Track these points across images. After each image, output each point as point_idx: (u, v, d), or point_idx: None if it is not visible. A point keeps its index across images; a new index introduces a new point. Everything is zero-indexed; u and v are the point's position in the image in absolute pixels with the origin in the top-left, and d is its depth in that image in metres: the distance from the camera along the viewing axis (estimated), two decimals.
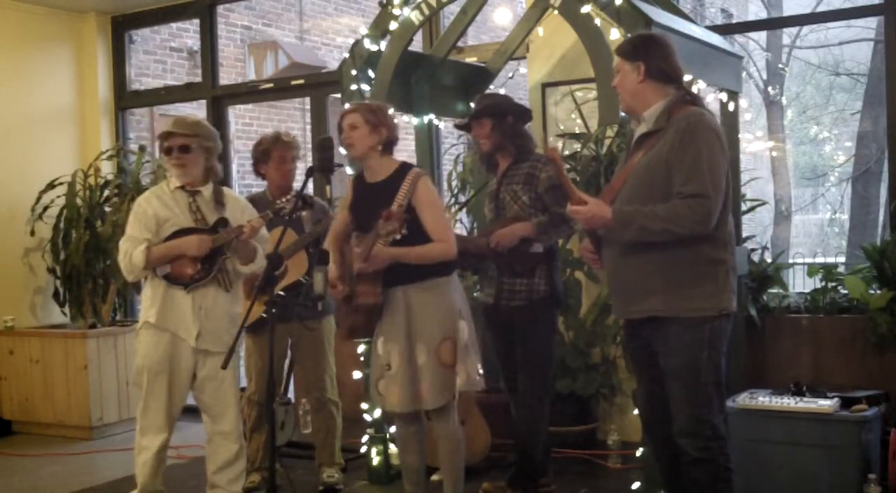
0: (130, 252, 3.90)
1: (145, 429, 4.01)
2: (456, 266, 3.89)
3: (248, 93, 7.30)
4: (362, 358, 4.76)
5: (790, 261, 6.48)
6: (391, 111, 3.92)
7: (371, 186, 3.85)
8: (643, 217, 3.08)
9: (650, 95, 3.23)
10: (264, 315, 4.06)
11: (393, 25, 4.68)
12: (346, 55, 4.84)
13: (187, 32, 8.58)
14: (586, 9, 4.08)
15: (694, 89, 3.62)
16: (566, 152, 4.98)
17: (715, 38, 4.76)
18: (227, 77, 8.32)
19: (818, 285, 5.05)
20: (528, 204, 4.16)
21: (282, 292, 4.35)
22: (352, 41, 4.92)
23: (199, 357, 3.98)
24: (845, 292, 4.95)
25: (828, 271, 5.07)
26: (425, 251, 3.68)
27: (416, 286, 3.74)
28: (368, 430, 4.78)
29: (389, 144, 3.85)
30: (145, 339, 3.98)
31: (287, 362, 4.86)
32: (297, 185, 4.76)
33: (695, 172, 3.05)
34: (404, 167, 3.83)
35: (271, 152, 4.52)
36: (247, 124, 9.18)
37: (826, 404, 4.07)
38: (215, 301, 3.99)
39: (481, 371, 3.85)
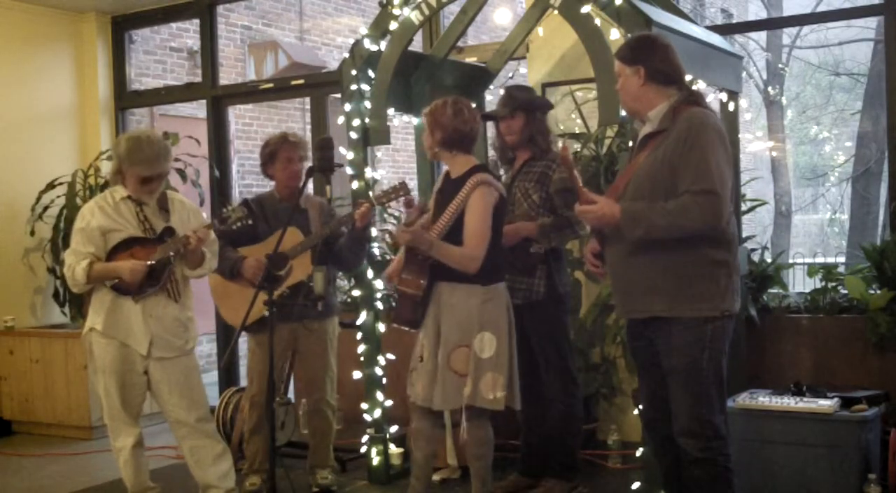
0: (74, 267, 3.94)
1: (115, 431, 4.07)
2: (499, 279, 3.85)
3: (248, 93, 7.30)
4: (362, 358, 4.76)
5: (790, 261, 6.48)
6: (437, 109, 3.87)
7: (449, 182, 3.90)
8: (653, 214, 3.07)
9: (653, 97, 3.23)
10: (265, 314, 4.05)
11: (393, 25, 4.68)
12: (346, 55, 4.84)
13: (187, 32, 8.57)
14: (586, 9, 4.08)
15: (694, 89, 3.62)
16: None
17: (715, 38, 4.76)
18: (227, 77, 8.31)
19: (818, 285, 5.05)
20: (537, 203, 4.17)
21: (283, 293, 4.34)
22: (352, 41, 4.92)
23: (150, 363, 4.01)
24: (845, 292, 4.95)
25: (828, 271, 5.06)
26: (447, 251, 3.68)
27: (450, 286, 3.76)
28: (368, 430, 4.78)
29: (447, 143, 3.81)
30: (95, 343, 4.01)
31: (288, 362, 4.84)
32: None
33: (703, 171, 3.05)
34: (473, 170, 3.83)
35: (278, 153, 4.50)
36: (247, 124, 9.17)
37: (826, 404, 4.07)
38: (165, 309, 4.02)
39: (503, 391, 3.72)
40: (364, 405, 4.79)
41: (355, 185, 4.80)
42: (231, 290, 4.47)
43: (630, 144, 3.64)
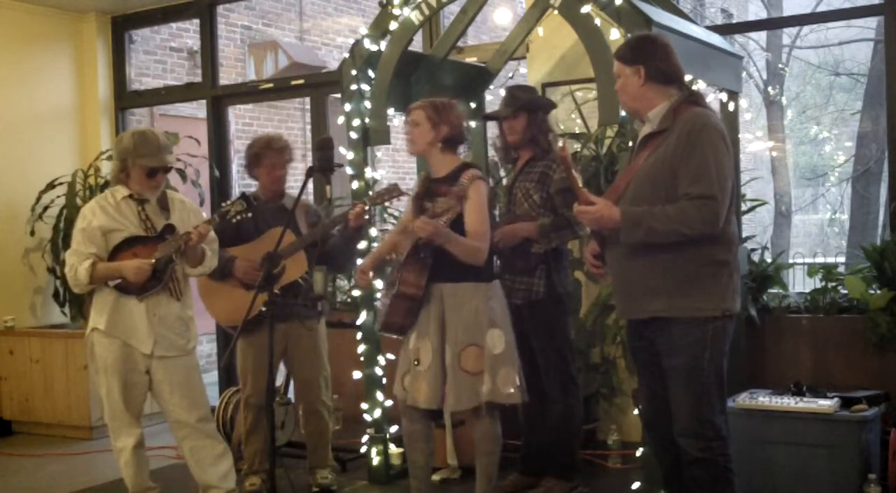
0: (76, 267, 3.94)
1: (116, 432, 4.07)
2: (495, 276, 3.92)
3: (248, 93, 7.30)
4: (362, 358, 4.76)
5: (790, 261, 6.48)
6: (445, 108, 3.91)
7: (434, 181, 3.91)
8: (652, 218, 3.07)
9: (653, 97, 3.23)
10: (257, 315, 4.05)
11: (393, 25, 4.68)
12: (346, 55, 4.84)
13: (187, 32, 8.57)
14: (586, 9, 4.08)
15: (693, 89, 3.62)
16: None
17: (715, 38, 4.76)
18: (227, 77, 8.31)
19: (818, 285, 5.04)
20: (538, 203, 4.17)
21: (277, 292, 4.34)
22: (352, 41, 4.92)
23: (153, 362, 4.01)
24: (845, 292, 4.95)
25: (828, 271, 5.06)
26: (461, 242, 3.70)
27: (453, 286, 3.77)
28: (368, 430, 4.78)
29: (451, 141, 3.88)
30: (98, 343, 4.01)
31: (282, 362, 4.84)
32: (292, 185, 4.77)
33: (702, 174, 3.05)
34: (464, 167, 3.87)
35: (262, 158, 4.51)
36: (247, 124, 9.17)
37: (826, 404, 4.07)
38: (168, 307, 4.02)
39: (516, 385, 3.79)
40: (364, 405, 4.79)
41: (355, 185, 4.80)
42: (219, 288, 4.47)
43: (630, 144, 3.63)
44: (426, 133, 3.86)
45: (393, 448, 4.77)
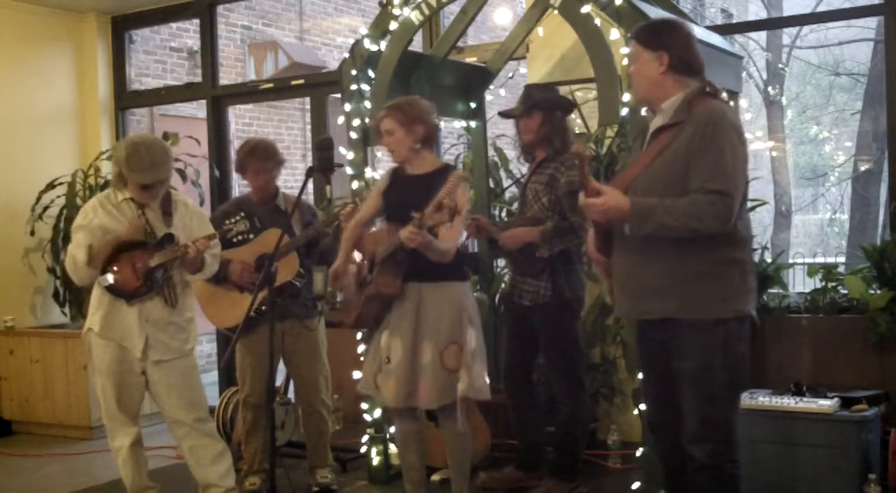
0: (74, 253, 3.92)
1: (113, 431, 4.07)
2: (470, 275, 3.94)
3: (248, 93, 7.30)
4: (362, 358, 4.76)
5: (790, 261, 6.48)
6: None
7: (411, 178, 3.85)
8: (663, 211, 2.92)
9: (671, 86, 3.07)
10: (253, 314, 4.04)
11: (393, 25, 4.68)
12: (346, 55, 4.84)
13: (187, 32, 8.57)
14: (586, 9, 4.08)
15: None
16: None
17: (715, 39, 4.76)
18: (227, 77, 8.31)
19: (818, 285, 5.04)
20: (547, 206, 4.16)
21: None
22: (352, 41, 4.92)
23: (148, 364, 4.01)
24: (845, 292, 4.94)
25: (828, 271, 5.05)
26: (437, 246, 3.66)
27: (432, 285, 3.76)
28: (368, 430, 4.78)
29: (428, 138, 3.84)
30: (94, 344, 4.01)
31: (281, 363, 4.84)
32: (292, 185, 4.77)
33: (718, 170, 2.92)
34: (448, 167, 3.87)
35: (246, 166, 4.52)
36: (247, 124, 9.17)
37: (826, 404, 4.07)
38: (161, 313, 4.00)
39: (487, 380, 3.84)
40: (364, 405, 4.79)
41: (355, 185, 4.80)
42: (215, 293, 4.47)
43: (633, 138, 3.53)
44: (403, 139, 3.79)
45: (393, 448, 4.77)
